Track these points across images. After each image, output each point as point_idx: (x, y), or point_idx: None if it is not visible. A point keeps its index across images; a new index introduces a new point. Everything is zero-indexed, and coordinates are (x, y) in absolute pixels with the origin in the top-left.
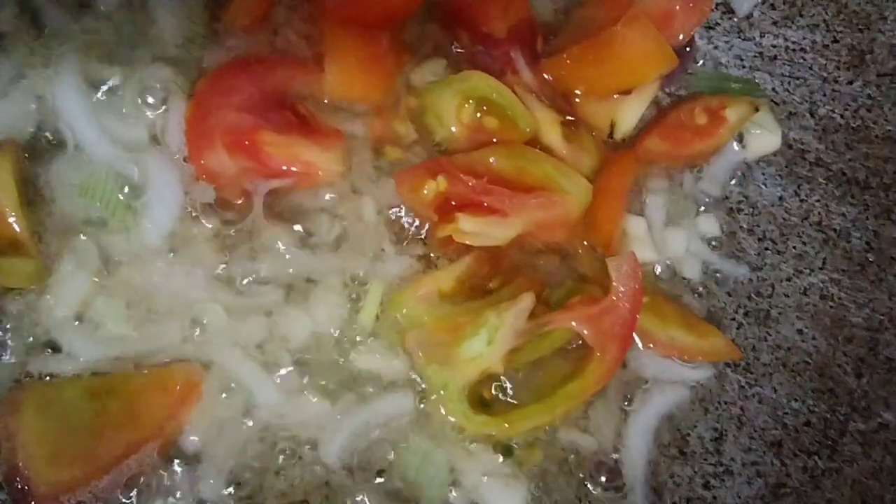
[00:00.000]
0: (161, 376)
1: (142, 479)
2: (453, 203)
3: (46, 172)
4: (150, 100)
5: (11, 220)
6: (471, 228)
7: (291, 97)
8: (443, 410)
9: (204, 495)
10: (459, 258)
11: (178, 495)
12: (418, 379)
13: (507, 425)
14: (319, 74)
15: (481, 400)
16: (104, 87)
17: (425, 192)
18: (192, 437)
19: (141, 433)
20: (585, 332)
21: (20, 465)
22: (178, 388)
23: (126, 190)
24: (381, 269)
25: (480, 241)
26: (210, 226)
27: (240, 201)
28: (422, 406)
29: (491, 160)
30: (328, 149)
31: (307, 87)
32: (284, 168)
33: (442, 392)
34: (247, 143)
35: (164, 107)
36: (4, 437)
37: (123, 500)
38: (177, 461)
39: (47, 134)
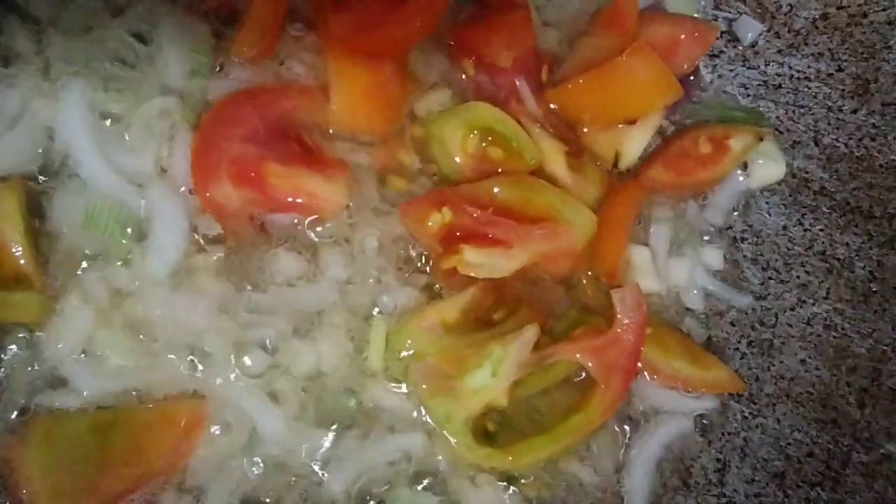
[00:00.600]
0: (166, 411)
1: None
2: (458, 234)
3: (52, 205)
4: (156, 132)
5: (17, 253)
6: (475, 260)
7: (296, 127)
8: (452, 441)
9: None
10: (463, 290)
11: None
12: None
13: (510, 458)
14: (324, 104)
15: (485, 432)
16: (110, 118)
17: (430, 223)
18: (196, 471)
19: (146, 468)
20: (590, 364)
21: (24, 499)
22: (184, 422)
23: (131, 221)
24: (385, 301)
25: (485, 273)
26: (215, 257)
27: (244, 233)
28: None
29: (495, 190)
30: (332, 180)
31: (312, 116)
32: (289, 200)
33: (446, 425)
34: (252, 174)
35: (169, 139)
36: (9, 470)
37: None
38: (181, 496)
39: (53, 166)
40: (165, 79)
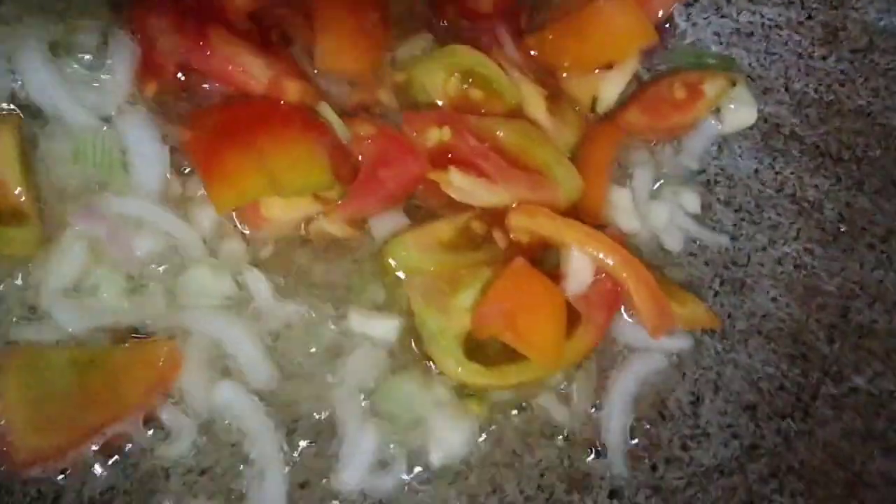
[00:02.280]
0: (144, 351)
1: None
2: (449, 156)
3: (41, 140)
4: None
5: (15, 190)
6: (459, 183)
7: (272, 22)
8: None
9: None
10: (442, 212)
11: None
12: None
13: (499, 377)
14: (307, 28)
15: (473, 352)
16: (63, 52)
17: (429, 137)
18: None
19: (121, 406)
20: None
21: (2, 429)
22: (161, 363)
23: (116, 152)
24: (372, 223)
25: (463, 198)
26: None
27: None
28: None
29: (499, 132)
30: (273, 68)
31: (292, 29)
32: (220, 66)
33: (438, 338)
34: (196, 26)
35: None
36: None
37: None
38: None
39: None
40: None
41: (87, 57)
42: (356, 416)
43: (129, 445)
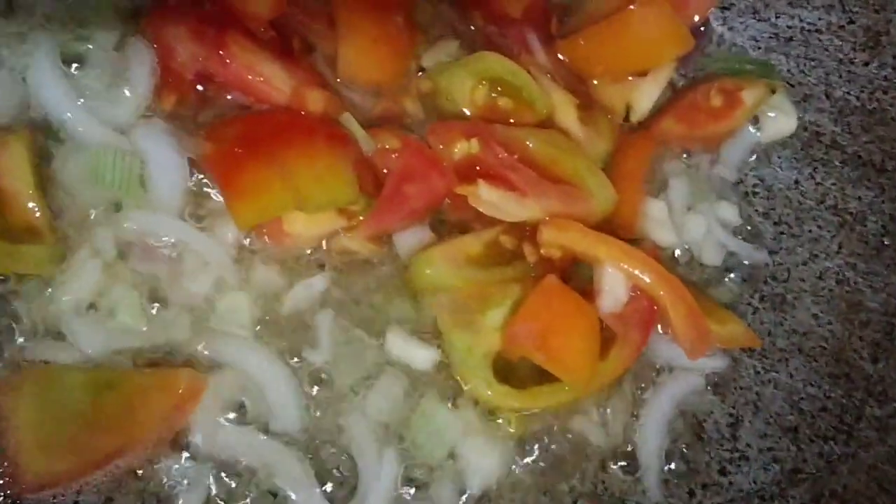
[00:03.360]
0: (164, 378)
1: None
2: (478, 168)
3: (58, 158)
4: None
5: (28, 205)
6: (487, 197)
7: (294, 30)
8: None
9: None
10: (470, 226)
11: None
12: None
13: (528, 398)
14: (329, 34)
15: (503, 372)
16: (75, 65)
17: (456, 149)
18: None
19: (136, 434)
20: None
21: (11, 450)
22: (181, 391)
23: (136, 169)
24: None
25: (492, 212)
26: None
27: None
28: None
29: (529, 143)
30: (294, 77)
31: (312, 36)
32: (240, 76)
33: (466, 358)
34: (215, 34)
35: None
36: None
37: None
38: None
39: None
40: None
41: (102, 70)
42: (373, 448)
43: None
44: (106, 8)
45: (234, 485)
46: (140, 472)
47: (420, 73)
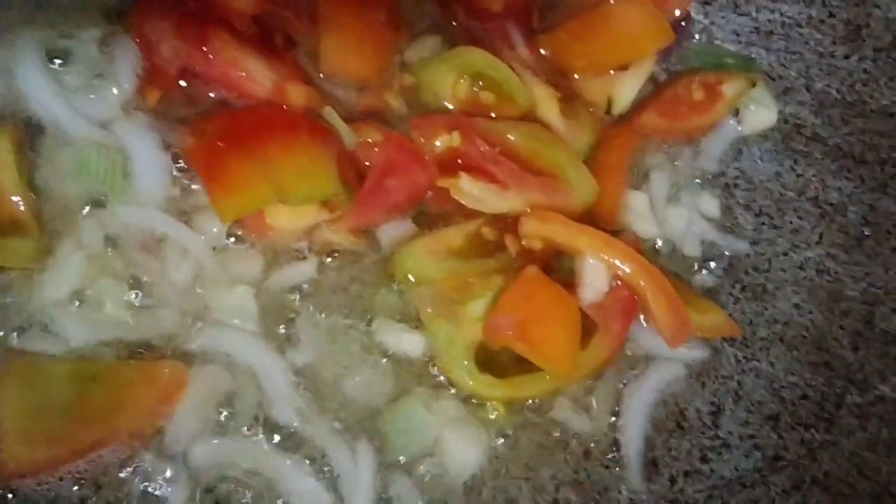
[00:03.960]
0: (148, 370)
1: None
2: (459, 161)
3: (43, 151)
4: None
5: (14, 199)
6: (469, 190)
7: (276, 27)
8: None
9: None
10: (452, 218)
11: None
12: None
13: (512, 388)
14: (312, 30)
15: (485, 363)
16: (59, 60)
17: (438, 143)
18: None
19: (120, 424)
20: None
21: None
22: (164, 383)
23: (119, 162)
24: (381, 232)
25: (474, 205)
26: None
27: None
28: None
29: (510, 136)
30: (276, 72)
31: (296, 33)
32: (223, 71)
33: (448, 349)
34: (199, 30)
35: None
36: None
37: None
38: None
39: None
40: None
41: (86, 65)
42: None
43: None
44: (90, 4)
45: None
46: (121, 464)
47: (403, 68)
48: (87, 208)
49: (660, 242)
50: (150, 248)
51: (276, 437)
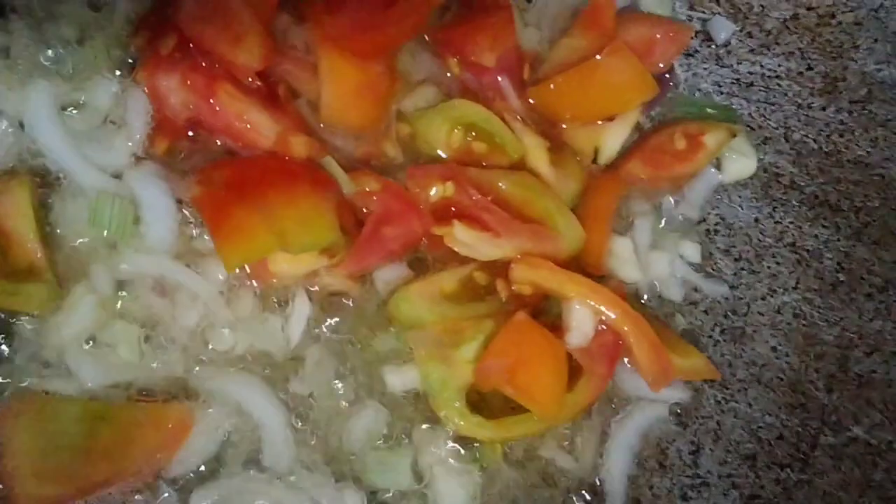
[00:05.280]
0: (155, 412)
1: None
2: (453, 210)
3: (56, 201)
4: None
5: (30, 246)
6: (462, 238)
7: (278, 79)
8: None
9: None
10: (446, 263)
11: None
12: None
13: (502, 429)
14: (313, 80)
15: (476, 404)
16: (74, 108)
17: (432, 192)
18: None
19: (127, 464)
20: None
21: (6, 474)
22: (171, 426)
23: (130, 211)
24: (377, 276)
25: (467, 252)
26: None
27: (175, 134)
28: None
29: (501, 185)
30: (279, 123)
31: (297, 84)
32: (228, 122)
33: (440, 391)
34: (205, 82)
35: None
36: None
37: None
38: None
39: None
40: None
41: (98, 116)
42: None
43: None
44: (102, 58)
45: None
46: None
47: (399, 118)
48: (99, 254)
49: (643, 287)
50: (161, 291)
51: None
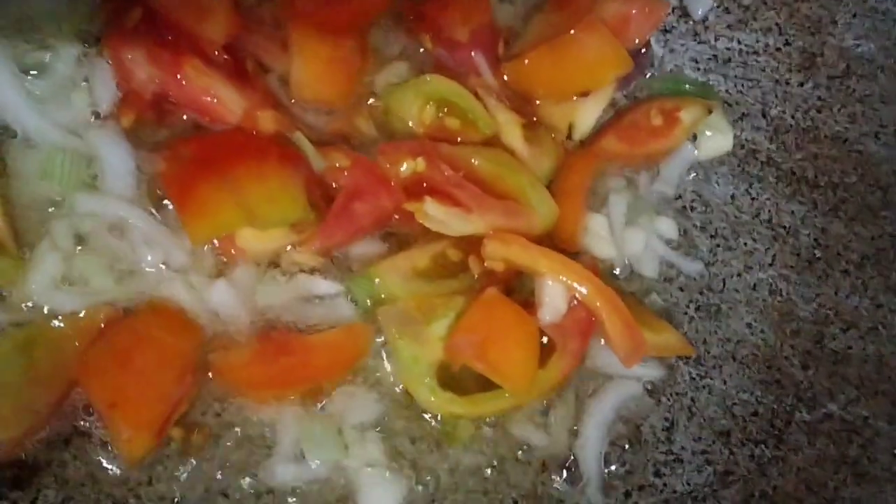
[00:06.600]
0: (81, 322)
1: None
2: (424, 185)
3: (7, 161)
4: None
5: None
6: (434, 213)
7: (246, 53)
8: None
9: None
10: (417, 239)
11: None
12: None
13: (473, 406)
14: (283, 55)
15: (447, 381)
16: (33, 72)
17: (403, 168)
18: None
19: (70, 376)
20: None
21: None
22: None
23: (83, 167)
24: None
25: (438, 228)
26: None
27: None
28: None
29: (474, 161)
30: (247, 98)
31: (266, 58)
32: (194, 96)
33: (412, 367)
34: (171, 57)
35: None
36: None
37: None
38: None
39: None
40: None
41: (61, 79)
42: None
43: None
44: (68, 26)
45: None
46: None
47: (371, 94)
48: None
49: (618, 264)
50: (119, 235)
51: None
